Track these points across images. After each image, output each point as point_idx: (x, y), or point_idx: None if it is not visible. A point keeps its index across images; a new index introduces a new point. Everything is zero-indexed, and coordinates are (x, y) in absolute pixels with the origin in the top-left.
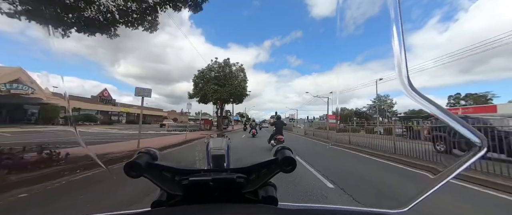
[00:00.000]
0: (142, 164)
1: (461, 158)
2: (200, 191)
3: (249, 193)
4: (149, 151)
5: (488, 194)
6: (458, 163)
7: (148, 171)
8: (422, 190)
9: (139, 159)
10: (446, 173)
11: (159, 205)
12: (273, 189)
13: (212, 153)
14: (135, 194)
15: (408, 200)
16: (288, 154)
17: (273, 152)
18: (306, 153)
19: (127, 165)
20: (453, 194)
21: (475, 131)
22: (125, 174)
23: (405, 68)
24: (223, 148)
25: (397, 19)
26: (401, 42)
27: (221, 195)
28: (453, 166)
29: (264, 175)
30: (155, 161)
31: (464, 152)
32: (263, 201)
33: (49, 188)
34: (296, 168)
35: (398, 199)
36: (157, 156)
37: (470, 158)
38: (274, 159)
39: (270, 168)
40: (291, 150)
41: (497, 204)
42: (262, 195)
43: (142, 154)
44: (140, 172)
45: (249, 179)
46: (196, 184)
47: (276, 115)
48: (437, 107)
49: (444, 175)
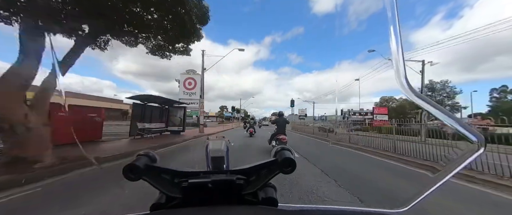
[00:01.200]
0: (141, 166)
1: (460, 157)
2: (200, 193)
3: (248, 195)
4: (148, 153)
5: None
6: (456, 161)
7: (147, 173)
8: (422, 190)
9: (138, 161)
10: (445, 172)
11: (158, 207)
12: (273, 190)
13: (211, 155)
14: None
15: (408, 199)
16: (288, 155)
17: (273, 152)
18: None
19: (126, 167)
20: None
21: (473, 130)
22: (124, 176)
23: (402, 67)
24: (223, 150)
25: (394, 18)
26: (398, 41)
27: (221, 197)
28: (451, 164)
29: (264, 176)
30: (154, 163)
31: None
32: (263, 203)
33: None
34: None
35: (398, 198)
36: (156, 158)
37: (468, 156)
38: (273, 160)
39: (270, 169)
40: (291, 150)
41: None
42: (262, 196)
43: (141, 157)
44: (139, 175)
45: (249, 181)
46: (195, 186)
47: (278, 113)
48: (435, 106)
49: (443, 174)
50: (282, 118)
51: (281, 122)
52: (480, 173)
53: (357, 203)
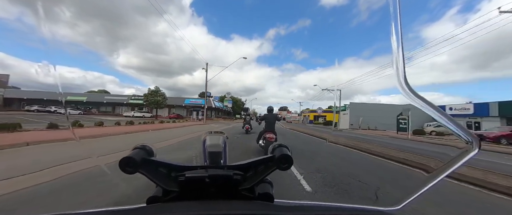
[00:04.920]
0: (138, 159)
1: (454, 157)
2: (197, 188)
3: (245, 190)
4: (145, 146)
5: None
6: (451, 161)
7: (144, 166)
8: (416, 188)
9: (134, 154)
10: (439, 172)
11: (154, 201)
12: (269, 186)
13: (208, 150)
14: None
15: (402, 198)
16: (285, 152)
17: (270, 149)
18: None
19: (123, 160)
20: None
21: (468, 130)
22: (121, 169)
23: (402, 66)
24: (220, 145)
25: (396, 16)
26: (399, 40)
27: (218, 191)
28: (446, 164)
29: (261, 172)
30: (151, 157)
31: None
32: (259, 198)
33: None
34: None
35: (392, 196)
36: (153, 151)
37: (462, 157)
38: (271, 156)
39: (267, 165)
40: (288, 147)
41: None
42: (259, 192)
43: (137, 150)
44: (136, 168)
45: (246, 176)
46: (192, 180)
47: (268, 108)
48: (431, 106)
49: (437, 173)
50: (271, 113)
51: (270, 119)
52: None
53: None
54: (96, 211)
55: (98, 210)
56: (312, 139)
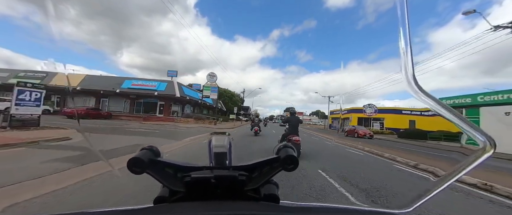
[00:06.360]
0: (145, 160)
1: (468, 158)
2: (202, 188)
3: (251, 191)
4: (152, 147)
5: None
6: (464, 164)
7: (151, 167)
8: (427, 191)
9: (142, 155)
10: (451, 175)
11: (161, 201)
12: (275, 187)
13: (214, 151)
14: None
15: (412, 200)
16: (290, 152)
17: (275, 150)
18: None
19: (131, 161)
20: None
21: (483, 131)
22: (128, 169)
23: (411, 66)
24: (226, 145)
25: (404, 16)
26: (407, 41)
27: (223, 192)
28: (459, 166)
29: (266, 173)
30: (157, 157)
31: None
32: (264, 199)
33: None
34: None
35: (402, 199)
36: (160, 152)
37: (476, 159)
38: (276, 157)
39: (272, 166)
40: (293, 148)
41: None
42: (264, 193)
43: (145, 150)
44: (143, 168)
45: (251, 177)
46: (198, 181)
47: (290, 110)
48: (444, 106)
49: (450, 176)
50: (294, 116)
51: (293, 121)
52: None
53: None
54: (103, 211)
55: (105, 209)
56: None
